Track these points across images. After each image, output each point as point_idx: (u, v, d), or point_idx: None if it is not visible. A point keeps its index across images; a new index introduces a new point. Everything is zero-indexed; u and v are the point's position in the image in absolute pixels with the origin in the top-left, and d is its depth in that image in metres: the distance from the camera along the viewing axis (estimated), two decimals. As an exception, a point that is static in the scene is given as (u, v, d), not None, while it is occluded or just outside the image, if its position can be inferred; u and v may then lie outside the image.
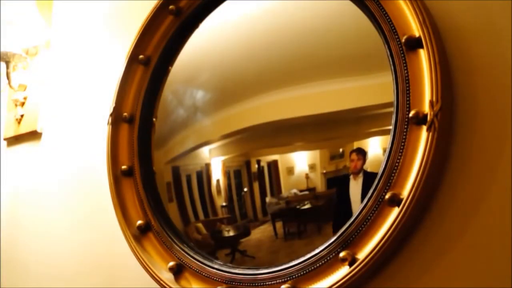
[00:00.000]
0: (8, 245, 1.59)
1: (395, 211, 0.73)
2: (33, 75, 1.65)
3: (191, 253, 1.00)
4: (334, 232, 0.82)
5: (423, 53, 0.73)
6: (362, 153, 0.86)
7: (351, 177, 0.86)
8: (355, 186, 0.86)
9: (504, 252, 0.67)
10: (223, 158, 1.05)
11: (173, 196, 1.11)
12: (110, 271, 1.24)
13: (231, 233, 1.03)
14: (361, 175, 0.85)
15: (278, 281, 0.84)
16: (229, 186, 1.03)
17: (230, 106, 1.04)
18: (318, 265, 0.80)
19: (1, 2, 1.54)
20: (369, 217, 0.76)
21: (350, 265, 0.75)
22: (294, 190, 0.93)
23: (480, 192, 0.70)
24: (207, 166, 1.07)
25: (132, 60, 1.17)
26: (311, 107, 0.90)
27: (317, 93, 0.89)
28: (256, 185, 0.98)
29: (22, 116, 1.63)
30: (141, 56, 1.16)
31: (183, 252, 1.01)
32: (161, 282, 0.98)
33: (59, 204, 1.43)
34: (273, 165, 0.96)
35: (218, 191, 1.05)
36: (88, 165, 1.36)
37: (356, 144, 0.84)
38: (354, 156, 0.88)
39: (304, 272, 0.82)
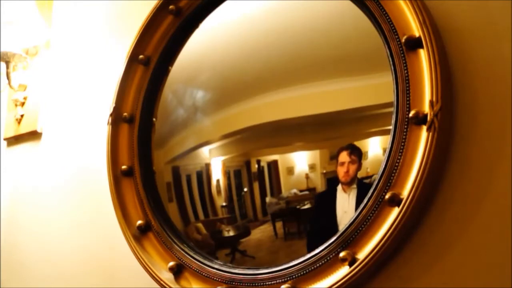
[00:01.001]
0: (8, 245, 1.58)
1: (395, 211, 0.73)
2: (33, 75, 1.65)
3: (191, 253, 1.00)
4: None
5: (423, 53, 0.73)
6: (356, 152, 0.76)
7: (340, 188, 0.77)
8: (344, 202, 0.77)
9: (504, 252, 0.67)
10: (223, 158, 1.05)
11: (173, 196, 1.11)
12: (110, 271, 1.24)
13: (231, 233, 1.02)
14: (354, 186, 0.76)
15: (278, 281, 0.84)
16: (229, 186, 1.03)
17: (230, 106, 1.04)
18: (318, 265, 0.80)
19: (1, 2, 1.54)
20: (369, 217, 0.76)
21: (350, 265, 0.75)
22: (294, 190, 0.93)
23: (480, 192, 0.70)
24: (207, 166, 1.07)
25: (132, 60, 1.17)
26: (311, 107, 0.90)
27: (317, 93, 0.89)
28: (256, 185, 0.98)
29: (22, 116, 1.63)
30: (141, 56, 1.16)
31: (183, 252, 1.01)
32: (161, 282, 0.98)
33: (59, 204, 1.43)
34: (273, 165, 0.96)
35: (218, 191, 1.05)
36: (88, 165, 1.36)
37: (357, 145, 0.83)
38: (344, 156, 0.77)
39: (304, 272, 0.82)
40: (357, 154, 0.75)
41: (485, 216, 0.69)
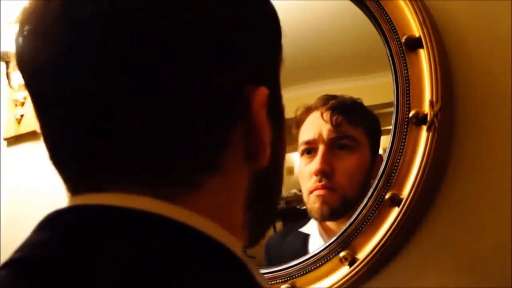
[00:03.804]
0: (8, 245, 1.58)
1: (395, 211, 0.73)
2: (33, 75, 1.65)
3: (191, 253, 0.99)
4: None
5: (423, 53, 0.73)
6: (359, 119, 0.48)
7: (316, 229, 0.56)
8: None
9: (504, 252, 0.67)
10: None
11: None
12: (110, 271, 1.23)
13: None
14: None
15: (278, 281, 0.84)
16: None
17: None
18: (318, 265, 0.80)
19: (1, 2, 1.54)
20: (369, 217, 0.76)
21: (350, 265, 0.75)
22: (294, 190, 0.93)
23: (480, 192, 0.70)
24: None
25: (132, 60, 1.17)
26: (311, 107, 0.90)
27: (317, 93, 0.89)
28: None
29: (22, 116, 1.63)
30: (141, 56, 1.16)
31: (183, 252, 1.00)
32: (161, 282, 0.98)
33: (59, 204, 1.42)
34: (273, 165, 0.96)
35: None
36: (88, 165, 1.36)
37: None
38: (318, 123, 0.50)
39: (304, 272, 0.82)
40: (363, 125, 0.48)
41: (485, 216, 0.69)
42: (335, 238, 0.79)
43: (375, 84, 0.83)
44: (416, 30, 0.74)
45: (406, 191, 0.72)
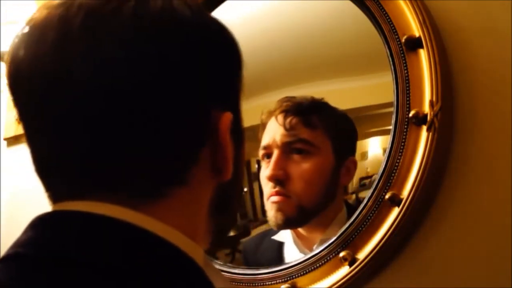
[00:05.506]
0: (8, 245, 1.58)
1: (395, 211, 0.73)
2: (33, 75, 1.64)
3: (191, 253, 0.99)
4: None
5: (423, 53, 0.73)
6: (321, 118, 0.47)
7: (291, 237, 0.54)
8: None
9: (504, 252, 0.67)
10: (223, 158, 1.04)
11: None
12: (110, 271, 1.23)
13: (231, 233, 1.02)
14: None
15: (278, 281, 0.84)
16: (229, 186, 1.03)
17: (230, 106, 1.04)
18: (318, 265, 0.80)
19: (1, 2, 1.54)
20: (369, 217, 0.76)
21: (350, 265, 0.75)
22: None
23: (480, 192, 0.70)
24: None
25: (132, 60, 1.17)
26: (311, 107, 0.90)
27: (317, 93, 0.89)
28: (256, 185, 0.98)
29: (22, 116, 1.63)
30: (141, 56, 1.16)
31: (183, 252, 1.00)
32: (161, 282, 0.98)
33: (59, 204, 1.43)
34: (273, 165, 0.96)
35: (218, 191, 1.04)
36: (88, 165, 1.36)
37: (357, 145, 0.83)
38: (273, 127, 0.51)
39: (304, 272, 0.82)
40: (324, 127, 0.47)
41: (485, 216, 0.69)
42: (335, 238, 0.79)
43: (375, 84, 0.83)
44: (416, 30, 0.74)
45: (406, 191, 0.72)
